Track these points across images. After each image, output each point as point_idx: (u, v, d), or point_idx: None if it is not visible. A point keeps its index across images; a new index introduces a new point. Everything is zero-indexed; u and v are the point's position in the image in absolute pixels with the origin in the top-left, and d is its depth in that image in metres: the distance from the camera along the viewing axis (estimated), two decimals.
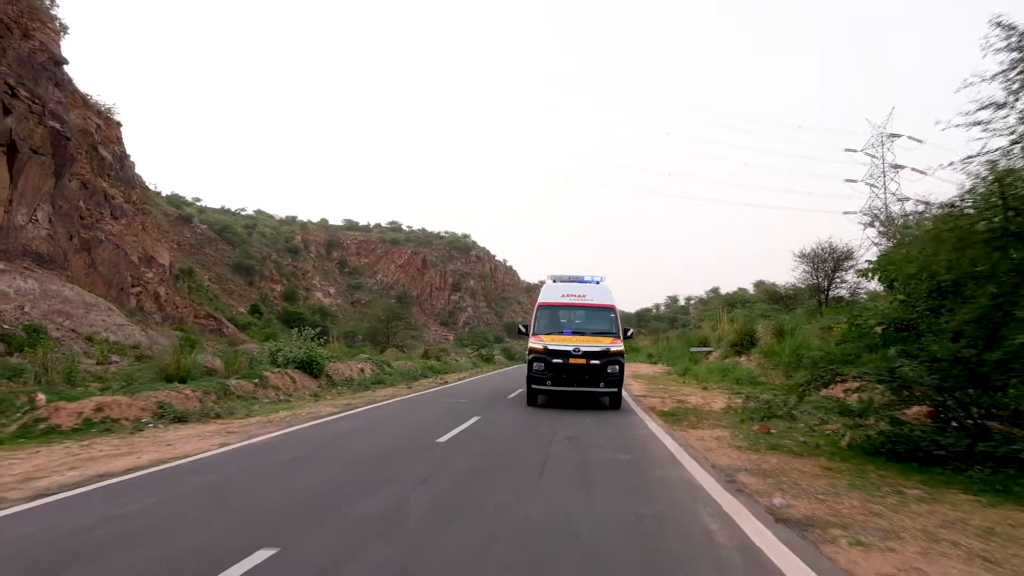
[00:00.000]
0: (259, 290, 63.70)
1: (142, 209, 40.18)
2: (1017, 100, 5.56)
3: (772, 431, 8.41)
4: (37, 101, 28.21)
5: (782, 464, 6.32)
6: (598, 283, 12.80)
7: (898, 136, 38.52)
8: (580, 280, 12.89)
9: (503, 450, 7.26)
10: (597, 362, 10.99)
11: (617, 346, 11.31)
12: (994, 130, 5.88)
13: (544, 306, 12.31)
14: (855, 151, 40.69)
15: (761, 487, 5.23)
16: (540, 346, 11.36)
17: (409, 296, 77.92)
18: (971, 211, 6.07)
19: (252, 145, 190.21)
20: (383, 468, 6.00)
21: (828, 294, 25.04)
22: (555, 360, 11.07)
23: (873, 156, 38.62)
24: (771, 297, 34.08)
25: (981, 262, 5.82)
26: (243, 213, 73.35)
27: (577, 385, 11.03)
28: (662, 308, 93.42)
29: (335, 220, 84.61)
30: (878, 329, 7.92)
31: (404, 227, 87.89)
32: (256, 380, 13.29)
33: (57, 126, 29.53)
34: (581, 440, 7.92)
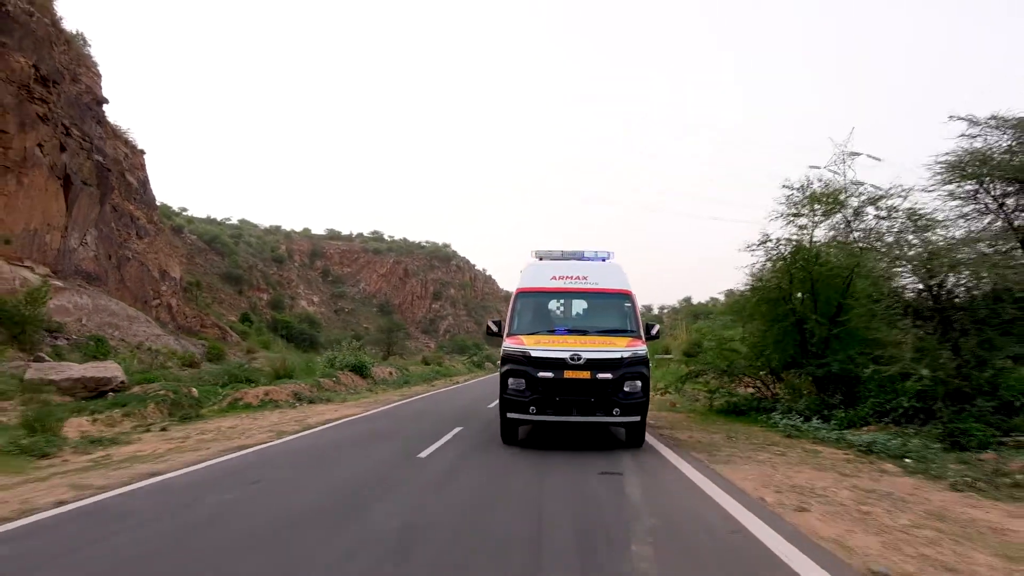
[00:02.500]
0: (248, 299, 68.87)
1: (158, 227, 45.75)
2: (762, 244, 12.39)
3: (676, 405, 15.17)
4: (86, 139, 34.21)
5: (668, 417, 13.05)
6: (604, 260, 9.82)
7: (858, 154, 46.25)
8: (579, 257, 9.88)
9: None
10: (608, 375, 7.89)
11: (638, 349, 8.28)
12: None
13: (526, 293, 9.22)
14: (819, 168, 48.39)
15: (653, 423, 11.94)
16: (519, 352, 8.21)
17: (391, 305, 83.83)
18: (759, 284, 12.93)
19: (235, 154, 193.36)
20: (470, 415, 12.56)
21: None
22: (542, 374, 7.92)
23: (836, 173, 46.31)
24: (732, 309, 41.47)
25: (756, 307, 12.69)
26: (228, 223, 78.32)
27: (578, 413, 7.95)
28: None
29: (318, 229, 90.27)
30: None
31: (386, 237, 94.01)
32: (333, 378, 19.57)
33: (100, 159, 35.51)
34: None
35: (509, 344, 8.48)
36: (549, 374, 7.94)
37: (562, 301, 9.57)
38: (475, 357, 43.51)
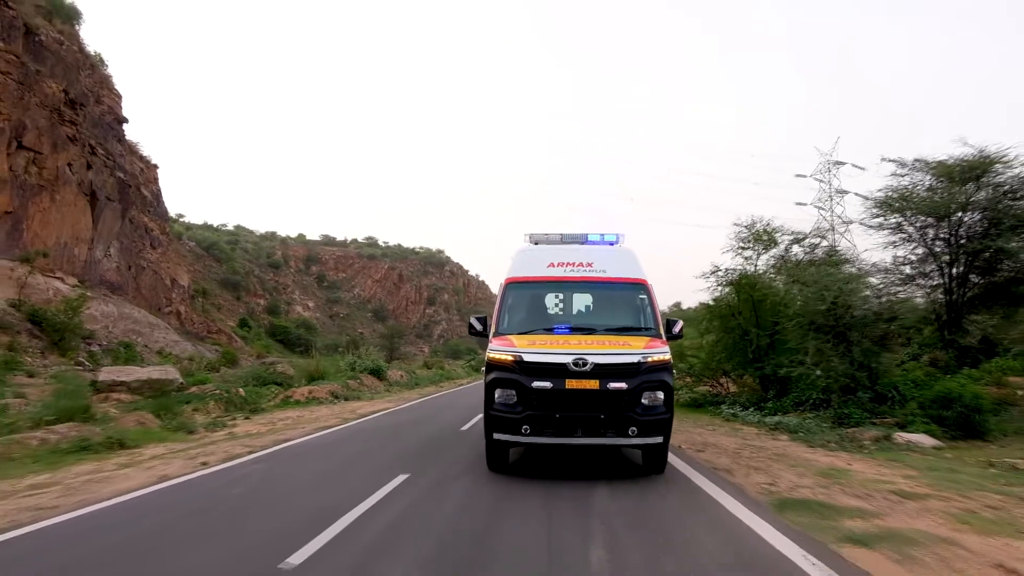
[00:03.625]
0: (246, 304, 72.07)
1: (169, 238, 49.09)
2: (715, 272, 16.15)
3: None
4: (109, 156, 37.68)
5: None
6: (613, 244, 8.54)
7: (843, 163, 46.10)
8: (582, 240, 8.57)
9: None
10: (622, 385, 6.56)
11: (659, 351, 6.97)
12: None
13: (518, 283, 7.92)
14: (804, 176, 48.12)
15: None
16: (509, 356, 6.82)
17: (386, 310, 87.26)
18: (714, 303, 16.73)
19: (231, 160, 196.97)
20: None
21: None
22: (538, 384, 6.59)
23: (821, 181, 46.03)
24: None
25: (710, 322, 16.48)
26: (225, 229, 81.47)
27: (583, 433, 6.63)
28: None
29: (313, 235, 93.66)
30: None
31: (380, 242, 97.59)
32: (357, 380, 23.13)
33: (121, 175, 38.95)
34: None
35: (496, 346, 7.05)
36: (547, 384, 6.56)
37: (563, 292, 8.18)
38: (472, 361, 47.21)
